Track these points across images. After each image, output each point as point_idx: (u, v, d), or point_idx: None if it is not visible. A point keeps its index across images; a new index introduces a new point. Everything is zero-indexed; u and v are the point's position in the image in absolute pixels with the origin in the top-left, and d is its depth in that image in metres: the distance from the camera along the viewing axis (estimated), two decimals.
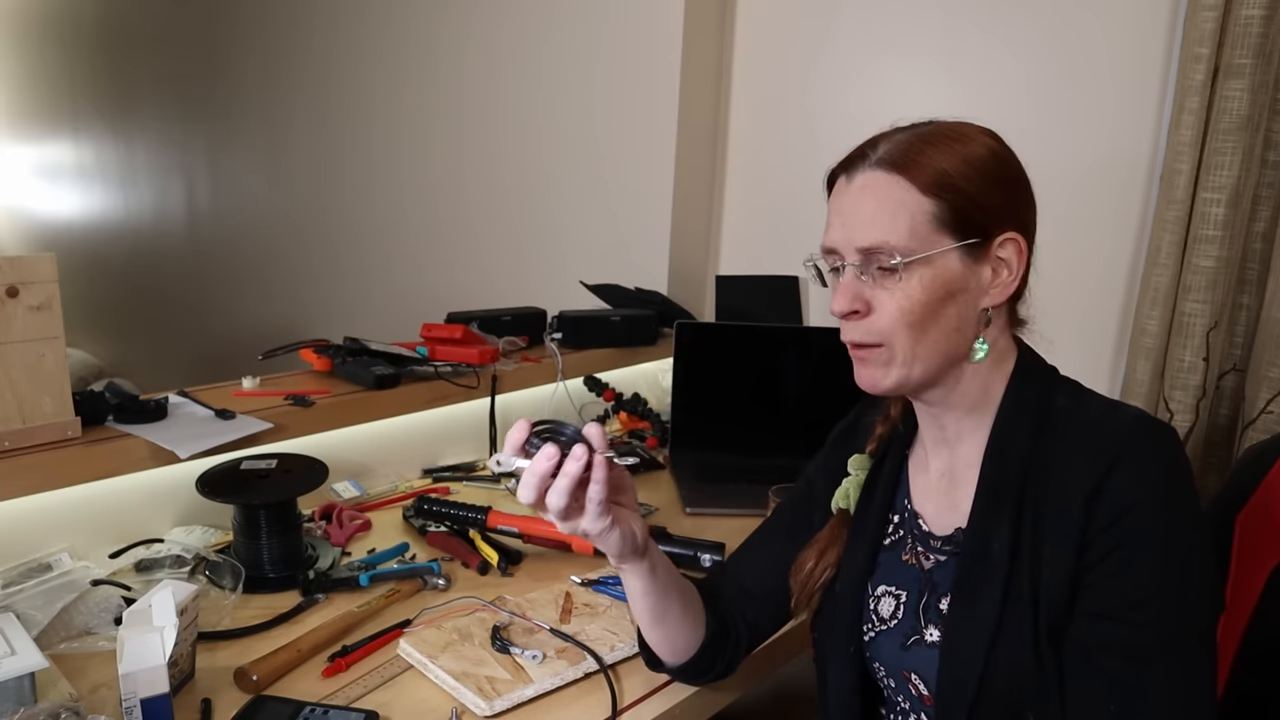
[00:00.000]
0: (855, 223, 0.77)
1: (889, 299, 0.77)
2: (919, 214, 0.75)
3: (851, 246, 0.77)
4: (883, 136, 0.80)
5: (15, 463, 1.08)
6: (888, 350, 0.78)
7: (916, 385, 0.80)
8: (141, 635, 0.84)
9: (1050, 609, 0.73)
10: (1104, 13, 1.57)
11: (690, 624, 0.92)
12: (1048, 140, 1.63)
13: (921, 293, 0.76)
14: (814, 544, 0.93)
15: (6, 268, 1.05)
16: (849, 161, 0.80)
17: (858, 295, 0.78)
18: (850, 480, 0.92)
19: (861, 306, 0.78)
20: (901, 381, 0.79)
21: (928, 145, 0.77)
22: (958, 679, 0.76)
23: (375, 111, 2.76)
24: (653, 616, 0.90)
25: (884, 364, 0.79)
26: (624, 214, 2.14)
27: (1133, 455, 0.72)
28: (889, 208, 0.76)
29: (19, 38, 4.75)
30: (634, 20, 2.05)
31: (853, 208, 0.78)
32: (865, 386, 0.81)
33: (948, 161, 0.76)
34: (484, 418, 1.65)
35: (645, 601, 0.89)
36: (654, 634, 0.93)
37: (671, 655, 0.94)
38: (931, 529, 0.86)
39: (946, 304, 0.77)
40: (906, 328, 0.77)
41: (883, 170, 0.77)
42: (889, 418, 0.92)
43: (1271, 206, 1.41)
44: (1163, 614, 0.71)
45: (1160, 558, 0.71)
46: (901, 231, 0.75)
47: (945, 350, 0.78)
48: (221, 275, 3.58)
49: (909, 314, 0.76)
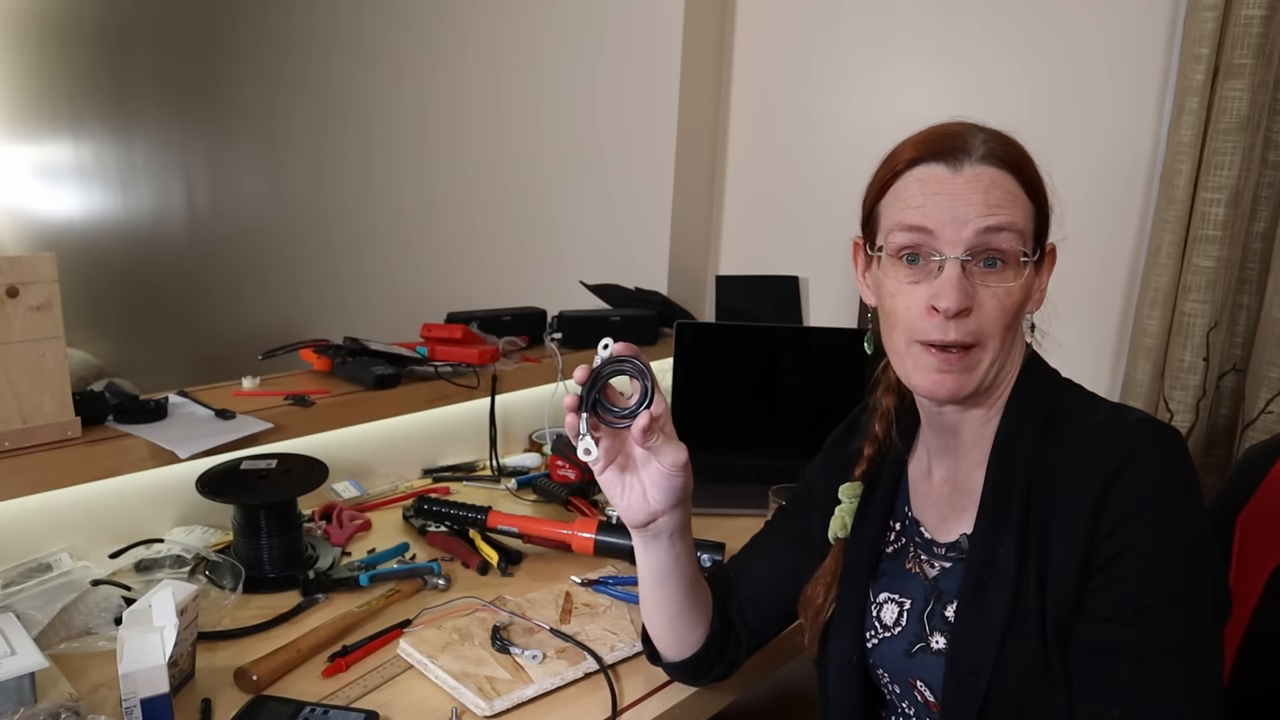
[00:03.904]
0: (975, 205, 0.73)
1: (991, 298, 0.74)
2: (1029, 215, 0.76)
3: (970, 229, 0.73)
4: (968, 130, 0.77)
5: (15, 463, 1.08)
6: (980, 352, 0.75)
7: (985, 388, 0.78)
8: (141, 635, 0.84)
9: (1057, 613, 0.73)
10: (1104, 13, 1.57)
11: (697, 618, 0.92)
12: (1048, 140, 1.60)
13: (1021, 294, 0.75)
14: (819, 579, 0.92)
15: (6, 268, 1.05)
16: (944, 151, 0.75)
17: (967, 293, 0.73)
18: (844, 508, 0.91)
19: (971, 304, 0.74)
20: (979, 385, 0.77)
21: (1016, 149, 0.77)
22: (965, 686, 0.76)
23: (375, 111, 2.76)
24: (657, 599, 0.90)
25: (972, 368, 0.76)
26: (624, 214, 2.14)
27: (1139, 460, 0.72)
28: (1011, 199, 0.74)
29: (19, 38, 4.75)
30: (634, 20, 2.05)
31: (969, 194, 0.73)
32: (946, 394, 0.76)
33: (1034, 169, 0.77)
34: (484, 418, 1.65)
35: (650, 578, 0.88)
36: (659, 623, 0.92)
37: (675, 650, 0.94)
38: (934, 536, 0.85)
39: (1023, 308, 0.77)
40: (1002, 329, 0.75)
41: (995, 166, 0.74)
42: (876, 438, 0.91)
43: (1271, 206, 1.41)
44: (1168, 619, 0.70)
45: (1166, 563, 0.71)
46: (1020, 226, 0.74)
47: (1010, 355, 0.78)
48: (222, 275, 3.58)
49: (1006, 314, 0.74)
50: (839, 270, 1.97)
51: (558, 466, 1.51)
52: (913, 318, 0.76)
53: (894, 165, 0.78)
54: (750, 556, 1.02)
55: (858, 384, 0.96)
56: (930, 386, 0.77)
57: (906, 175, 0.77)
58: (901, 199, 0.77)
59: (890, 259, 0.78)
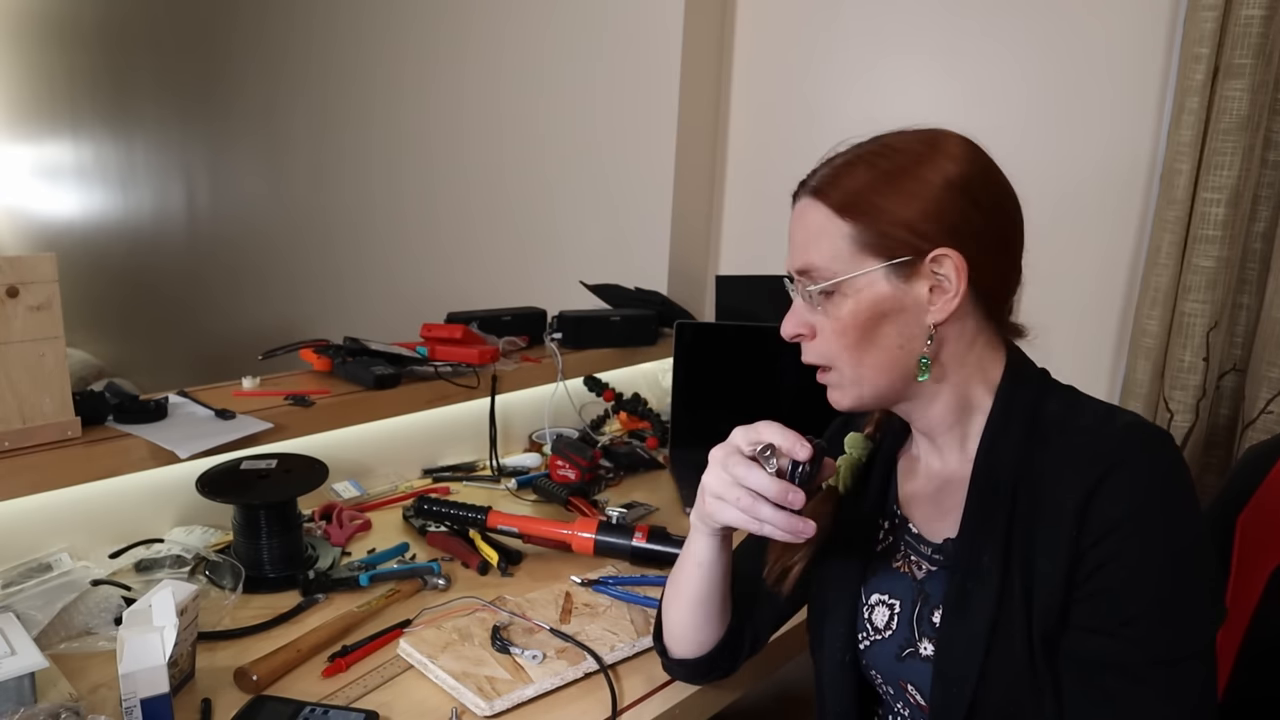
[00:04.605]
0: (792, 248, 0.81)
1: (825, 322, 0.79)
2: (838, 238, 0.76)
3: (792, 271, 0.81)
4: (824, 161, 0.81)
5: (15, 463, 1.08)
6: (837, 372, 0.81)
7: (875, 403, 0.82)
8: (141, 635, 0.84)
9: (1043, 622, 0.72)
10: (1104, 13, 1.57)
11: (722, 618, 0.92)
12: (1048, 140, 1.63)
13: (851, 315, 0.77)
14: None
15: (6, 268, 1.05)
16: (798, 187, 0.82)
17: (802, 320, 0.80)
18: (844, 460, 0.89)
19: (806, 330, 0.81)
20: (856, 401, 0.81)
21: (851, 167, 0.77)
22: (951, 693, 0.76)
23: (375, 111, 2.76)
24: (701, 596, 0.89)
25: (837, 385, 0.81)
26: (624, 214, 2.14)
27: (1125, 466, 0.70)
28: (812, 233, 0.78)
29: (19, 38, 4.76)
30: (634, 20, 2.05)
31: (791, 234, 0.81)
32: (833, 405, 0.83)
33: (865, 182, 0.76)
34: (484, 418, 1.65)
35: (701, 575, 0.88)
36: (691, 616, 0.91)
37: (687, 647, 0.93)
38: (922, 533, 0.85)
39: (881, 324, 0.77)
40: (844, 349, 0.78)
41: (809, 197, 0.79)
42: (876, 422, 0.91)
43: (1271, 206, 1.41)
44: (1156, 630, 0.69)
45: (1153, 573, 0.70)
46: (825, 255, 0.77)
47: (891, 369, 0.78)
48: (221, 275, 3.58)
49: (842, 336, 0.78)
50: None
51: (558, 466, 1.51)
52: None
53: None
54: (750, 555, 1.02)
55: None
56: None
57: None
58: None
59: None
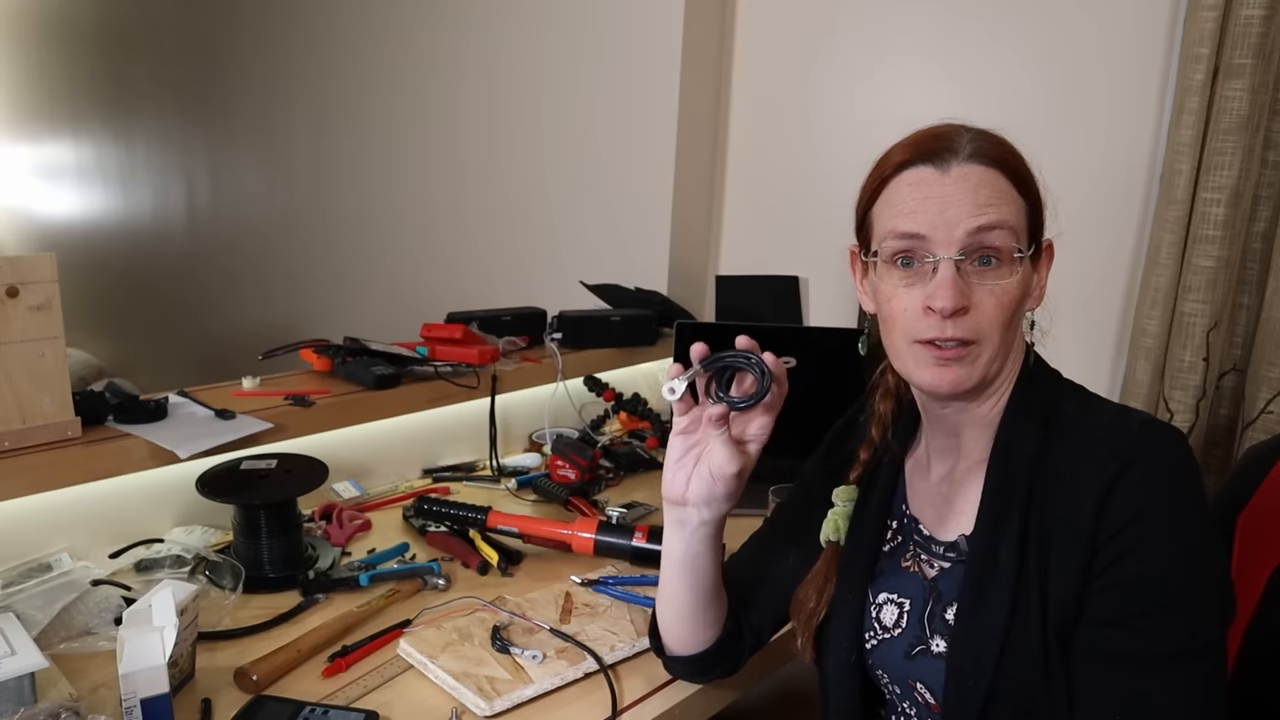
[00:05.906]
0: (965, 205, 0.73)
1: (988, 296, 0.75)
2: (1021, 211, 0.76)
3: (962, 229, 0.73)
4: (954, 130, 0.77)
5: (15, 463, 1.08)
6: (979, 348, 0.76)
7: (981, 387, 0.79)
8: (141, 635, 0.84)
9: (1058, 616, 0.73)
10: (1104, 13, 1.57)
11: (708, 620, 0.92)
12: (1047, 140, 1.62)
13: (1018, 290, 0.76)
14: (810, 581, 0.92)
15: (6, 268, 1.05)
16: (931, 153, 0.76)
17: (962, 292, 0.74)
18: (838, 511, 0.91)
19: (968, 303, 0.74)
20: (982, 380, 0.77)
21: (1004, 146, 0.77)
22: (965, 689, 0.76)
23: (375, 112, 2.76)
24: (670, 590, 0.90)
25: (972, 362, 0.76)
26: (624, 214, 2.14)
27: (1141, 462, 0.71)
28: (1000, 197, 0.74)
29: (19, 38, 4.75)
30: (634, 21, 2.05)
31: (959, 194, 0.74)
32: (948, 387, 0.76)
33: (1023, 165, 0.77)
34: (484, 418, 1.65)
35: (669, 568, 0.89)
36: (667, 614, 0.92)
37: (681, 645, 0.94)
38: (932, 533, 0.85)
39: (1022, 305, 0.77)
40: (1001, 326, 0.75)
41: (982, 164, 0.75)
42: (872, 442, 0.91)
43: (1271, 206, 1.41)
44: (1170, 623, 0.70)
45: (1168, 566, 0.70)
46: (1013, 220, 0.75)
47: (1012, 352, 0.79)
48: (221, 275, 3.58)
49: (1006, 311, 0.75)
50: (838, 270, 1.97)
51: (558, 466, 1.51)
52: (910, 320, 0.76)
53: (883, 171, 0.79)
54: (750, 555, 1.02)
55: (858, 384, 0.96)
56: (932, 381, 0.77)
57: (896, 180, 0.78)
58: (893, 204, 0.77)
59: (885, 264, 0.78)
